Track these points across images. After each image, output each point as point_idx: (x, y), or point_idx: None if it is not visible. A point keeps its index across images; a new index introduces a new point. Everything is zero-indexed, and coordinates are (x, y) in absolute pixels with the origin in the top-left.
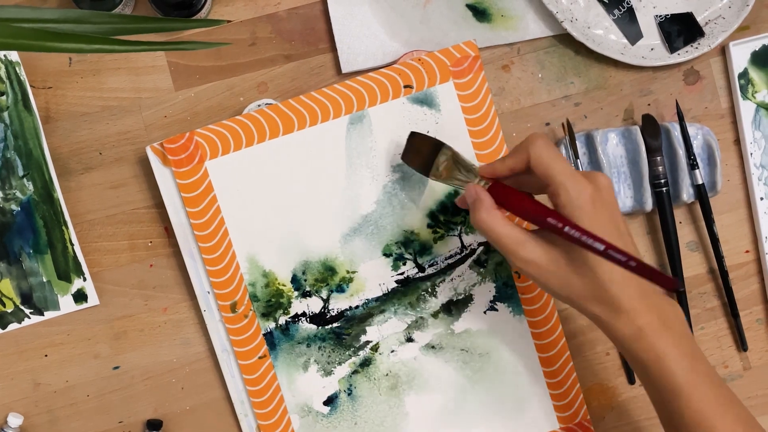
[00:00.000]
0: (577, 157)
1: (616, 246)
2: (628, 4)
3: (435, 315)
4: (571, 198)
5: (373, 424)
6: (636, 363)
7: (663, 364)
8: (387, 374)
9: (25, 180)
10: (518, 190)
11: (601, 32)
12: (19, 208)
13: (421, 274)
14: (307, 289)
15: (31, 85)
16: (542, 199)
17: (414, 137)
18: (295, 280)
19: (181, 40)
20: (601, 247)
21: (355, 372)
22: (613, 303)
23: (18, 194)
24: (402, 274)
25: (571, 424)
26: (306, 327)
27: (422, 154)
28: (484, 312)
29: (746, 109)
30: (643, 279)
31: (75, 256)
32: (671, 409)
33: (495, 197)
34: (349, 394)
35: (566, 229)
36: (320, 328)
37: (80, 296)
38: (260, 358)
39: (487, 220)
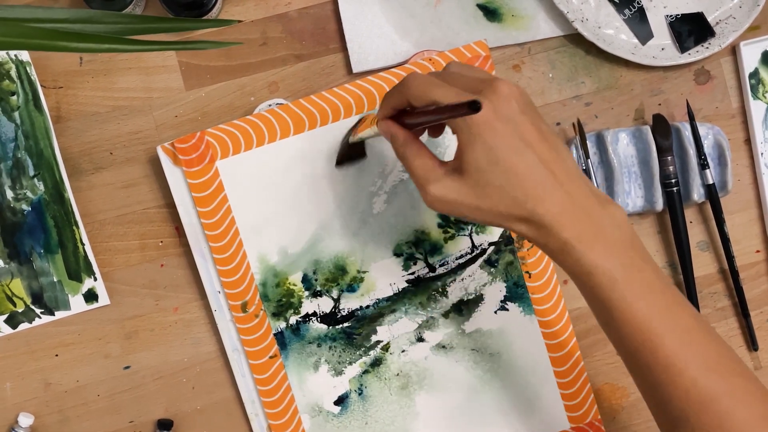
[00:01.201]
0: (588, 156)
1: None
2: (638, 3)
3: (446, 315)
4: (458, 122)
5: (384, 423)
6: (569, 274)
7: (593, 279)
8: (398, 374)
9: (35, 180)
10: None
11: (612, 32)
12: (30, 208)
13: (431, 274)
14: (318, 288)
15: (41, 85)
16: None
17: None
18: (305, 279)
19: (192, 40)
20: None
21: (365, 372)
22: (533, 219)
23: (29, 194)
24: (413, 273)
25: (582, 424)
26: (317, 327)
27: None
28: (495, 312)
29: (757, 109)
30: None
31: (86, 256)
32: (607, 322)
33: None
34: (359, 394)
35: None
36: (331, 327)
37: (91, 296)
38: (271, 357)
39: (405, 152)
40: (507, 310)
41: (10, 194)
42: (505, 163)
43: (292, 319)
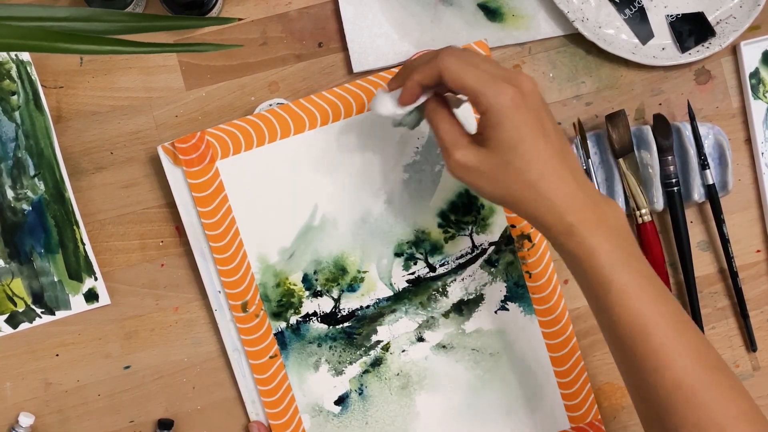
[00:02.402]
0: (588, 156)
1: None
2: (639, 3)
3: (446, 315)
4: (491, 103)
5: (384, 423)
6: (568, 258)
7: (595, 260)
8: (398, 374)
9: (36, 179)
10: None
11: (612, 32)
12: (31, 208)
13: (432, 274)
14: (318, 288)
15: (42, 85)
16: None
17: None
18: (306, 279)
19: (192, 42)
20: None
21: (366, 372)
22: (544, 201)
23: (29, 194)
24: (413, 273)
25: (582, 424)
26: (317, 327)
27: None
28: (495, 312)
29: (757, 109)
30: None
31: (86, 256)
32: (603, 306)
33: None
34: (360, 394)
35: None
36: (331, 327)
37: (91, 296)
38: (271, 357)
39: (434, 115)
40: (507, 310)
41: (10, 194)
42: (526, 145)
43: (293, 319)
